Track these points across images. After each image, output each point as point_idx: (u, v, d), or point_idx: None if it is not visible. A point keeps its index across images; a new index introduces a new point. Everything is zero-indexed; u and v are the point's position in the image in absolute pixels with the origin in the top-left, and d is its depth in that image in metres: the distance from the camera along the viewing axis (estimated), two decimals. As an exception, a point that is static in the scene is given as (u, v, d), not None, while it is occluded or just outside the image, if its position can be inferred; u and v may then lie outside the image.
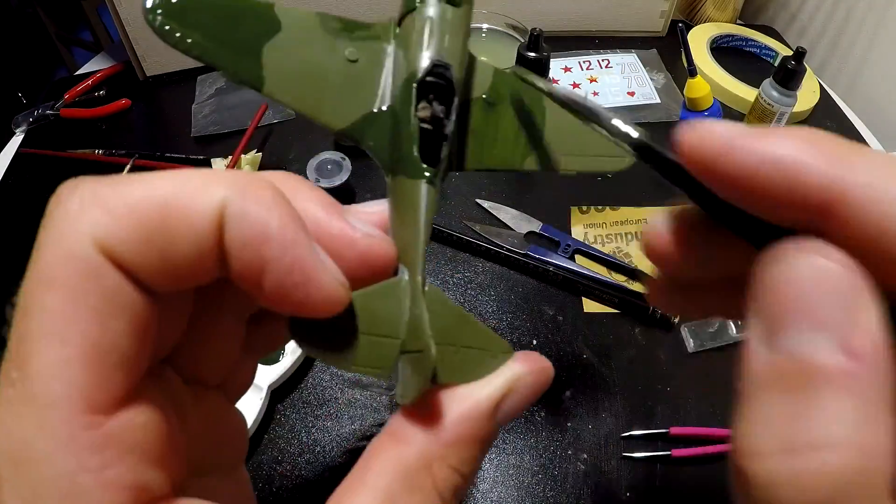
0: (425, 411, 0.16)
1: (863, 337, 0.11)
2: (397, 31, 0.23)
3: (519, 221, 0.55)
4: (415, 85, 0.21)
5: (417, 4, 0.23)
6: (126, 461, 0.13)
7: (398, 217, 0.20)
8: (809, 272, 0.12)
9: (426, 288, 0.17)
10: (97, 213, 0.14)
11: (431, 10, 0.23)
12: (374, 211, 0.19)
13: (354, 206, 0.19)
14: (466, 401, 0.16)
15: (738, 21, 0.82)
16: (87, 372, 0.13)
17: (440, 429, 0.16)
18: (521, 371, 0.17)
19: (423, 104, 0.21)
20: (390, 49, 0.23)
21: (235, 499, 0.18)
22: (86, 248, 0.13)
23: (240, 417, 0.20)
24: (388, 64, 0.23)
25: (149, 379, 0.15)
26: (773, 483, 0.11)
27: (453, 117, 0.22)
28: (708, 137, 0.14)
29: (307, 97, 0.21)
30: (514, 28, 0.68)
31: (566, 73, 0.71)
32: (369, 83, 0.23)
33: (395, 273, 0.17)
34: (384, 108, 0.22)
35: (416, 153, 0.20)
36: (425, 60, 0.22)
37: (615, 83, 0.70)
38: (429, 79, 0.22)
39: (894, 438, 0.11)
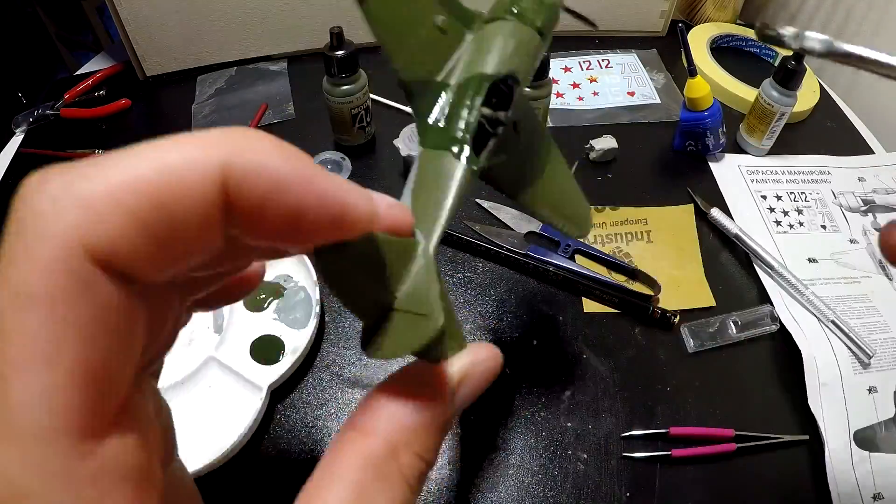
0: (388, 401, 0.16)
1: None
2: (483, 27, 0.26)
3: (519, 221, 0.55)
4: (488, 84, 0.24)
5: (509, 17, 0.25)
6: (121, 489, 0.13)
7: (425, 187, 0.22)
8: None
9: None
10: (76, 212, 0.12)
11: (520, 29, 0.26)
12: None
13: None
14: (425, 389, 0.17)
15: (738, 21, 0.82)
16: (77, 397, 0.12)
17: (404, 417, 0.16)
18: (473, 360, 0.18)
19: (488, 105, 0.24)
20: (469, 38, 0.26)
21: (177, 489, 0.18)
22: (68, 255, 0.12)
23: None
24: (464, 49, 0.25)
25: (133, 391, 0.14)
26: None
27: (503, 126, 0.25)
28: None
29: (393, 35, 0.25)
30: (514, 28, 0.69)
31: (566, 73, 0.71)
32: (444, 56, 0.25)
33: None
34: (449, 83, 0.24)
35: (468, 136, 0.23)
36: (503, 68, 0.24)
37: (615, 83, 0.70)
38: (501, 85, 0.24)
39: None
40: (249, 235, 0.14)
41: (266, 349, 0.43)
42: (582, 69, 0.72)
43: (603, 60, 0.73)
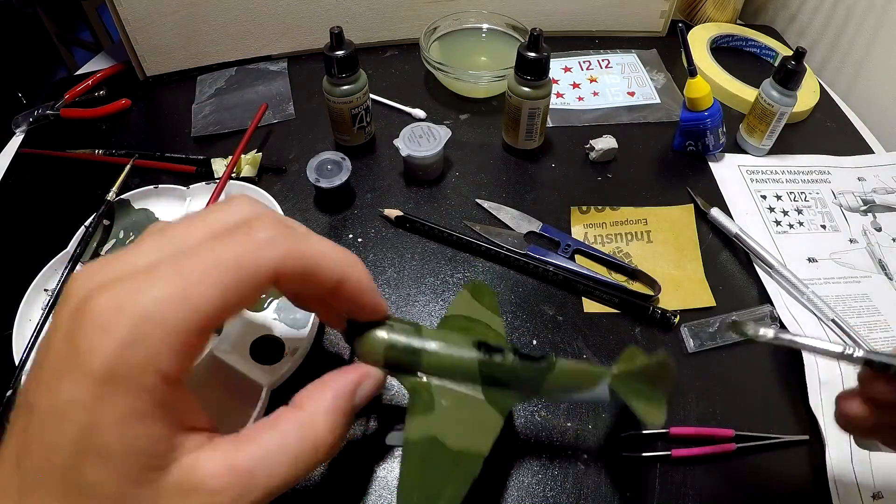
0: (315, 390, 0.27)
1: None
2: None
3: (519, 221, 0.55)
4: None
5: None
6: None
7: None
8: None
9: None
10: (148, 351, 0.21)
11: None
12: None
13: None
14: (339, 388, 0.28)
15: (738, 21, 0.82)
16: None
17: (323, 402, 0.27)
18: (365, 371, 0.29)
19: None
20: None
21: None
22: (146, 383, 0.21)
23: None
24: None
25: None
26: None
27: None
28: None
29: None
30: (514, 28, 0.69)
31: (566, 73, 0.71)
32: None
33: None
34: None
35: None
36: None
37: (615, 83, 0.70)
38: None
39: None
40: (334, 302, 0.28)
41: (266, 349, 0.43)
42: (582, 69, 0.72)
43: (603, 60, 0.73)
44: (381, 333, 0.30)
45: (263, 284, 0.23)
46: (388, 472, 0.39)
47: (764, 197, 0.58)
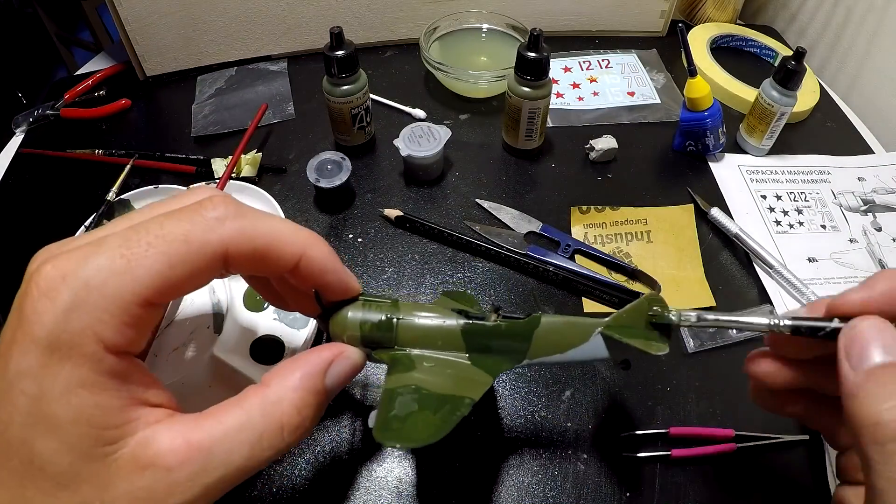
0: (285, 369, 0.26)
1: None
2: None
3: (519, 221, 0.55)
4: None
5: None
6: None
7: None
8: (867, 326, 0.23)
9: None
10: (91, 318, 0.21)
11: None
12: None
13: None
14: (309, 368, 0.26)
15: (738, 21, 0.82)
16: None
17: (292, 381, 0.25)
18: (339, 350, 0.27)
19: None
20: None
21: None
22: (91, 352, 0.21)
23: None
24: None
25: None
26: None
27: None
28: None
29: None
30: (514, 28, 0.69)
31: (566, 73, 0.71)
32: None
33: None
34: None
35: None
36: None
37: (615, 83, 0.70)
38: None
39: None
40: (298, 280, 0.27)
41: (266, 349, 0.43)
42: (582, 69, 0.72)
43: (603, 60, 0.73)
44: (353, 311, 0.29)
45: (212, 262, 0.23)
46: (388, 473, 0.39)
47: (764, 197, 0.58)
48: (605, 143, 0.60)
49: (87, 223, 0.50)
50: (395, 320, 0.29)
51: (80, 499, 0.20)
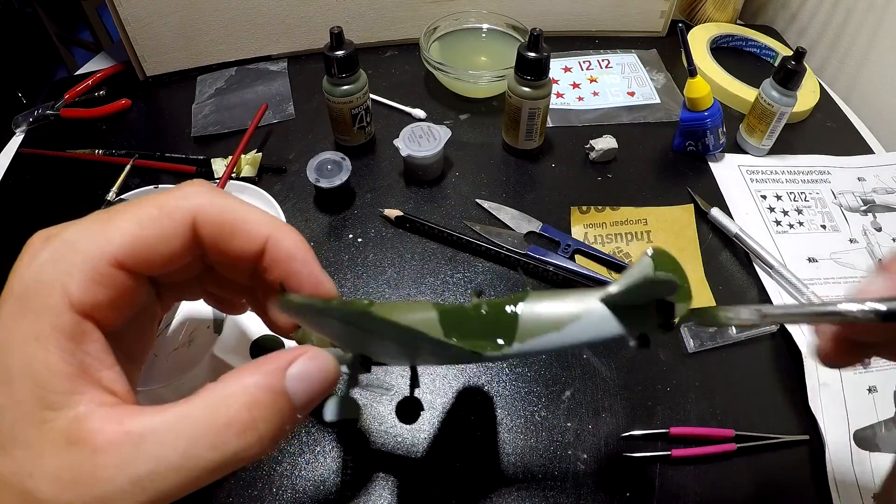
0: (240, 374, 0.23)
1: None
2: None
3: (519, 221, 0.55)
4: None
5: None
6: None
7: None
8: None
9: None
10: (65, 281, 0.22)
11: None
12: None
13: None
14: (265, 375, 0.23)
15: (738, 21, 0.82)
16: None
17: (248, 387, 0.22)
18: (302, 350, 0.24)
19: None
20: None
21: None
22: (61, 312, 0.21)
23: None
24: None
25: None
26: None
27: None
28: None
29: None
30: (514, 28, 0.69)
31: (566, 73, 0.71)
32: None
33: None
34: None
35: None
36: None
37: (615, 83, 0.70)
38: None
39: None
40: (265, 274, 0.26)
41: (266, 349, 0.43)
42: (582, 69, 0.72)
43: (603, 60, 0.73)
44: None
45: (181, 227, 0.24)
46: (388, 473, 0.39)
47: (764, 197, 0.58)
48: (605, 143, 0.60)
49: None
50: (370, 315, 0.24)
51: (15, 466, 0.19)
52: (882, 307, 0.21)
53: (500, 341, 0.26)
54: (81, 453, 0.19)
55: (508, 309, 0.26)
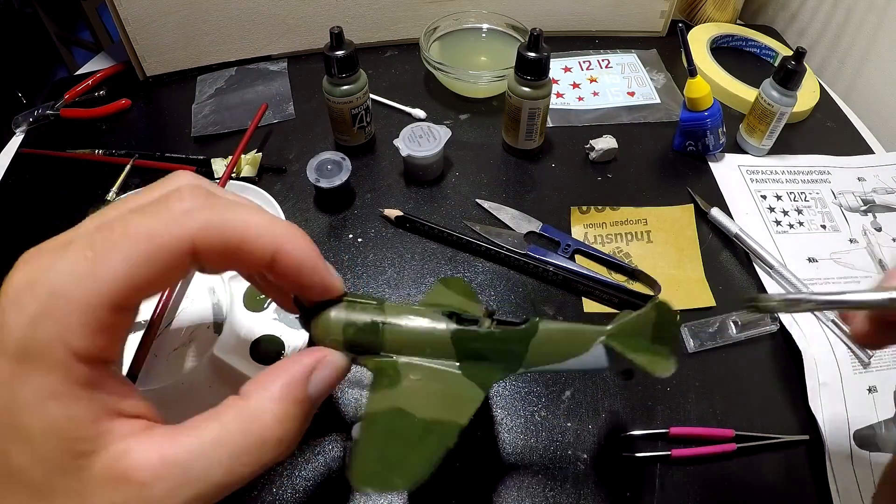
0: (265, 380, 0.24)
1: None
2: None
3: (519, 221, 0.55)
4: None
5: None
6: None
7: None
8: None
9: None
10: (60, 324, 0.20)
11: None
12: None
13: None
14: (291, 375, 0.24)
15: (738, 21, 0.82)
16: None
17: (272, 392, 0.24)
18: (321, 355, 0.25)
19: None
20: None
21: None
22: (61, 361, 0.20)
23: None
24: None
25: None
26: None
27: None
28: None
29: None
30: (514, 28, 0.69)
31: (566, 73, 0.71)
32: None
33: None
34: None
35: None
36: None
37: (615, 83, 0.70)
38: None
39: None
40: (278, 279, 0.25)
41: (266, 349, 0.43)
42: (582, 69, 0.72)
43: (603, 60, 0.73)
44: (337, 312, 0.27)
45: (180, 259, 0.22)
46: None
47: (764, 197, 0.58)
48: (605, 143, 0.60)
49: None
50: (381, 324, 0.27)
51: None
52: None
53: (505, 369, 0.29)
54: (129, 489, 0.20)
55: (519, 339, 0.29)
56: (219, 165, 0.58)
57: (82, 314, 0.20)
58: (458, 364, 0.28)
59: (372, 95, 0.63)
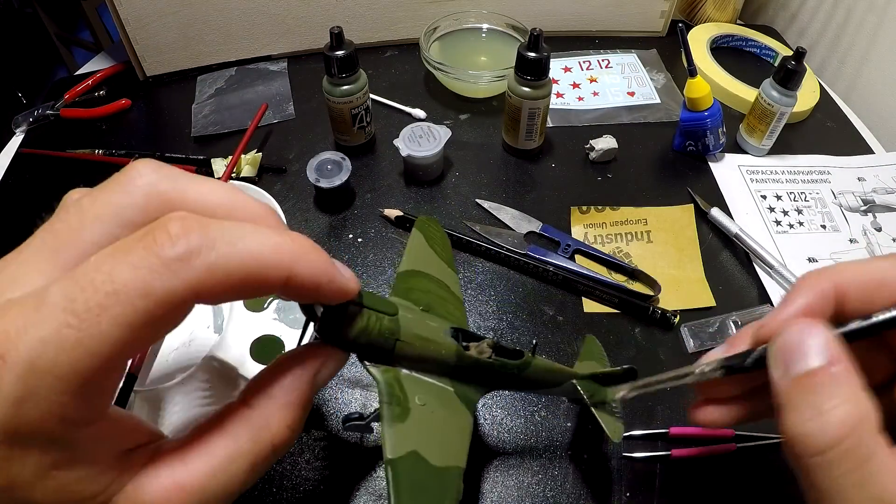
0: (267, 384, 0.24)
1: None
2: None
3: (519, 221, 0.55)
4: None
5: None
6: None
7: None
8: (797, 336, 0.22)
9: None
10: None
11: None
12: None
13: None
14: (295, 371, 0.24)
15: (738, 21, 0.82)
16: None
17: (277, 397, 0.23)
18: (325, 358, 0.25)
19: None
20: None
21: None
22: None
23: None
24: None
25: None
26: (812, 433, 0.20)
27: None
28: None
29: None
30: (514, 28, 0.69)
31: (566, 73, 0.71)
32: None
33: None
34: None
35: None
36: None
37: (615, 83, 0.70)
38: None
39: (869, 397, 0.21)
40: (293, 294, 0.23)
41: (266, 349, 0.43)
42: (582, 69, 0.72)
43: (603, 60, 0.73)
44: (353, 323, 0.27)
45: (180, 311, 0.20)
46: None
47: (764, 197, 0.58)
48: (605, 143, 0.60)
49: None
50: (395, 342, 0.28)
51: None
52: (719, 366, 0.27)
53: (487, 390, 0.33)
54: None
55: (513, 371, 0.32)
56: (219, 165, 0.58)
57: (72, 386, 0.18)
58: (451, 383, 0.30)
59: (372, 95, 0.63)
